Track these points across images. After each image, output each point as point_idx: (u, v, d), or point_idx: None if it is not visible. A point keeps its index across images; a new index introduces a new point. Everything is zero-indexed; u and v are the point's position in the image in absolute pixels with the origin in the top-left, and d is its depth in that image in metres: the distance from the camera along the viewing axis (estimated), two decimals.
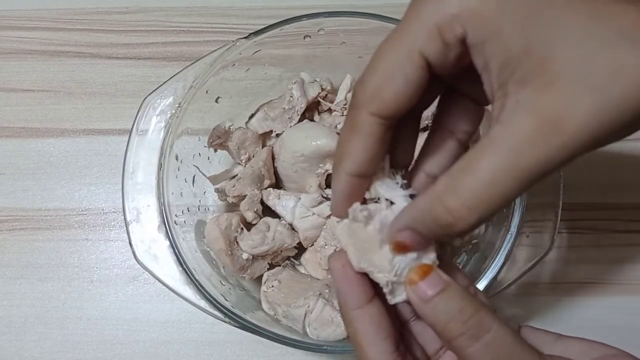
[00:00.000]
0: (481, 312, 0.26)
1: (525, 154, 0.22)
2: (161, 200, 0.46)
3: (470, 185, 0.23)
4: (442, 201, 0.24)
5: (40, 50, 0.65)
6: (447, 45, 0.24)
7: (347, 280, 0.28)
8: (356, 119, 0.26)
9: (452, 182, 0.24)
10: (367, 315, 0.28)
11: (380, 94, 0.25)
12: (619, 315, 0.56)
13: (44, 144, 0.61)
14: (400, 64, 0.25)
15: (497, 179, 0.23)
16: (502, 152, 0.23)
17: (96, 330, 0.55)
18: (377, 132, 0.26)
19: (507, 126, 0.23)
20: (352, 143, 0.27)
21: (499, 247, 0.45)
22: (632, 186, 0.59)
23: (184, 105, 0.48)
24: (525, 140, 0.22)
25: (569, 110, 0.22)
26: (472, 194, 0.23)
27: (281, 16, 0.50)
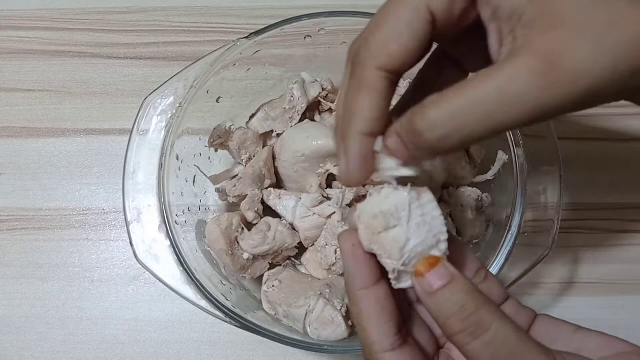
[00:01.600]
0: (482, 310, 0.26)
1: (523, 82, 0.22)
2: (162, 200, 0.46)
3: (453, 103, 0.23)
4: (423, 110, 0.24)
5: (41, 50, 0.65)
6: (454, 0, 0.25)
7: (355, 260, 0.28)
8: (362, 76, 0.26)
9: (440, 96, 0.24)
10: (372, 296, 0.28)
11: (387, 48, 0.26)
12: (620, 315, 0.56)
13: (44, 144, 0.61)
14: (408, 18, 0.25)
15: (482, 99, 0.23)
16: (496, 78, 0.23)
17: (97, 330, 0.55)
18: (384, 87, 0.26)
19: (510, 59, 0.23)
20: (361, 101, 0.26)
21: (500, 247, 0.45)
22: (633, 186, 0.59)
23: (185, 105, 0.48)
24: (527, 70, 0.22)
25: (568, 50, 0.22)
26: (452, 110, 0.23)
27: (282, 16, 0.50)
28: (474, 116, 0.23)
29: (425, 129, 0.24)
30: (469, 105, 0.23)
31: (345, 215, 0.48)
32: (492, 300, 0.27)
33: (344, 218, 0.49)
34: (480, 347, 0.26)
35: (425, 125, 0.24)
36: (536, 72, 0.22)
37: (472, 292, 0.26)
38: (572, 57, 0.22)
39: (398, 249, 0.27)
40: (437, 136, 0.24)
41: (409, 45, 0.25)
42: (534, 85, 0.22)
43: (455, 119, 0.23)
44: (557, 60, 0.22)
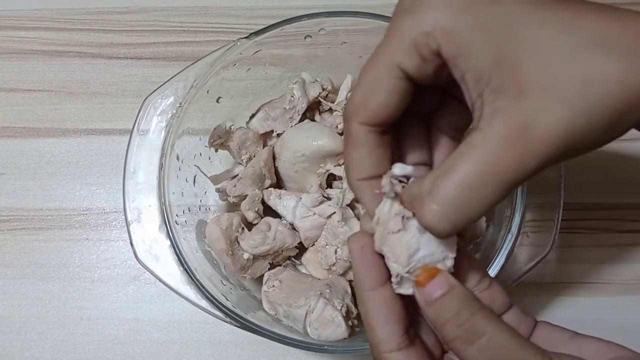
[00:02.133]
0: (477, 316, 0.27)
1: (502, 158, 0.23)
2: (162, 200, 0.46)
3: (447, 192, 0.24)
4: (422, 202, 0.25)
5: (41, 50, 0.65)
6: (424, 59, 0.26)
7: (364, 261, 0.29)
8: (349, 130, 0.28)
9: (433, 185, 0.25)
10: (380, 297, 0.29)
11: (365, 105, 0.27)
12: (620, 315, 0.56)
13: (45, 143, 0.61)
14: (381, 77, 0.27)
15: (473, 186, 0.24)
16: (479, 157, 0.24)
17: (97, 330, 0.55)
18: (371, 139, 0.28)
19: (485, 132, 0.24)
20: (351, 153, 0.29)
21: (500, 247, 0.45)
22: (633, 186, 0.59)
23: (185, 105, 0.48)
24: (502, 145, 0.23)
25: (539, 118, 0.23)
26: (448, 202, 0.24)
27: (282, 16, 0.50)
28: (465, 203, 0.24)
29: (433, 226, 0.25)
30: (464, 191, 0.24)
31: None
32: (488, 307, 0.28)
33: (344, 218, 0.49)
34: (475, 352, 0.26)
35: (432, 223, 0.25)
36: (515, 143, 0.23)
37: (468, 300, 0.27)
38: (546, 125, 0.23)
39: (407, 255, 0.27)
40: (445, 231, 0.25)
41: (385, 101, 0.27)
42: (517, 159, 0.23)
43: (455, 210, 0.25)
44: (530, 129, 0.23)
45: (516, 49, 0.23)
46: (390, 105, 0.27)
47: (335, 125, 0.52)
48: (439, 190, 0.25)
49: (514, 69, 0.23)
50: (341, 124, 0.52)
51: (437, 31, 0.25)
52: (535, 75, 0.23)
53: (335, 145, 0.49)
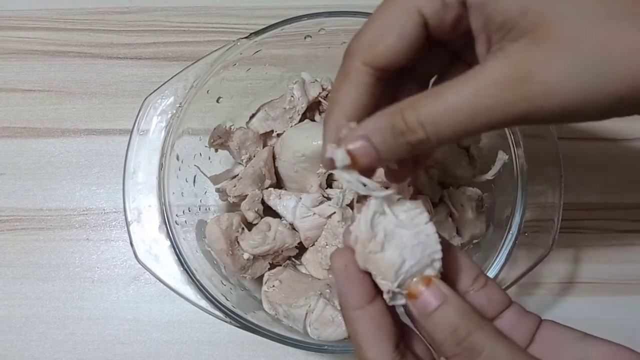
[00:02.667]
0: (474, 335, 0.26)
1: (488, 93, 0.23)
2: (162, 200, 0.46)
3: (429, 106, 0.24)
4: (401, 112, 0.25)
5: (41, 51, 0.65)
6: (445, 5, 0.25)
7: (349, 280, 0.28)
8: (348, 68, 0.27)
9: (416, 100, 0.25)
10: (367, 316, 0.27)
11: (374, 45, 0.26)
12: (620, 315, 0.56)
13: (45, 144, 0.61)
14: (397, 19, 0.26)
15: (455, 108, 0.24)
16: (468, 87, 0.24)
17: (97, 330, 0.55)
18: (368, 82, 0.27)
19: (484, 68, 0.24)
20: (343, 91, 0.28)
21: (500, 247, 0.45)
22: (633, 186, 0.59)
23: (185, 105, 0.48)
24: (495, 82, 0.23)
25: (547, 66, 0.22)
26: (429, 114, 0.24)
27: (282, 16, 0.50)
28: (443, 122, 0.24)
29: (408, 130, 0.25)
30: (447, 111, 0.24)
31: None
32: (486, 320, 0.27)
33: (344, 218, 0.49)
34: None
35: (408, 127, 0.25)
36: (509, 84, 0.23)
37: (465, 315, 0.26)
38: (549, 72, 0.22)
39: (393, 271, 0.27)
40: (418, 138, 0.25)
41: (396, 45, 0.26)
42: (505, 99, 0.23)
43: (433, 124, 0.24)
44: (532, 74, 0.23)
45: (546, 2, 0.23)
46: (399, 50, 0.26)
47: None
48: (425, 104, 0.25)
49: (538, 21, 0.23)
50: None
51: None
52: (557, 30, 0.23)
53: None
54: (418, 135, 0.25)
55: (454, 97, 0.24)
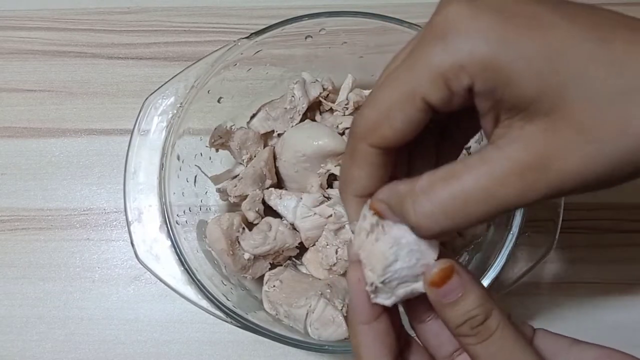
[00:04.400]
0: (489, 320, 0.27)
1: (507, 182, 0.23)
2: (163, 200, 0.46)
3: (443, 196, 0.24)
4: (414, 199, 0.25)
5: (41, 51, 0.65)
6: (452, 93, 0.24)
7: (361, 294, 0.28)
8: (355, 149, 0.27)
9: (431, 185, 0.25)
10: (372, 331, 0.29)
11: (379, 129, 0.26)
12: (620, 315, 0.56)
13: (45, 144, 0.62)
14: (401, 104, 0.25)
15: (470, 199, 0.24)
16: (485, 175, 0.23)
17: (98, 330, 0.55)
18: (376, 161, 0.27)
19: (501, 152, 0.23)
20: (354, 170, 0.28)
21: (501, 247, 0.45)
22: (634, 186, 0.59)
23: (186, 105, 0.48)
24: (514, 170, 0.23)
25: (565, 154, 0.22)
26: (441, 206, 0.24)
27: (282, 16, 0.50)
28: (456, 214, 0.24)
29: (417, 224, 0.25)
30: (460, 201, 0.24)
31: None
32: (498, 308, 0.28)
33: (338, 216, 0.49)
34: (481, 350, 0.27)
35: (416, 221, 0.25)
36: (528, 173, 0.23)
37: (483, 304, 0.27)
38: (570, 160, 0.22)
39: (383, 266, 0.27)
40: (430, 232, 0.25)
41: (400, 128, 0.26)
42: (524, 188, 0.23)
43: (445, 215, 0.24)
44: (552, 161, 0.22)
45: (560, 86, 0.22)
46: (405, 133, 0.26)
47: (336, 125, 0.52)
48: (436, 192, 0.24)
49: (555, 102, 0.22)
50: (342, 124, 0.52)
51: (474, 65, 0.23)
52: (575, 114, 0.22)
53: (336, 145, 0.49)
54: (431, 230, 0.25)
55: (470, 184, 0.24)
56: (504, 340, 0.27)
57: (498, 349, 0.27)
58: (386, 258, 0.27)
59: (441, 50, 0.24)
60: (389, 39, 0.49)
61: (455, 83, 0.24)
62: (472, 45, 0.23)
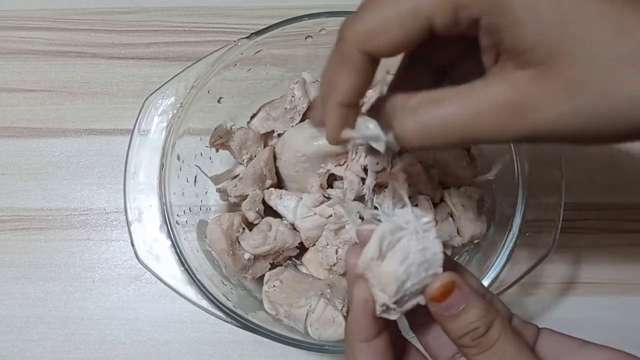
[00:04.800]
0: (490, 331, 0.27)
1: (485, 119, 0.24)
2: (163, 200, 0.46)
3: (427, 118, 0.26)
4: (403, 114, 0.26)
5: (42, 51, 0.65)
6: (457, 21, 0.25)
7: (365, 314, 0.28)
8: (345, 54, 0.27)
9: (419, 106, 0.26)
10: (371, 349, 0.28)
11: (374, 37, 0.26)
12: (621, 315, 0.56)
13: (45, 144, 0.62)
14: (403, 19, 0.25)
15: (449, 125, 0.25)
16: (467, 107, 0.25)
17: (98, 330, 0.55)
18: (365, 69, 0.27)
19: (487, 87, 0.25)
20: (341, 76, 0.28)
21: (501, 247, 0.45)
22: (634, 186, 0.59)
23: (186, 106, 0.48)
24: (494, 108, 0.24)
25: (545, 104, 0.23)
26: (424, 126, 0.26)
27: (283, 16, 0.50)
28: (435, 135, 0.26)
29: (401, 136, 0.27)
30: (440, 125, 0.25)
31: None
32: (500, 317, 0.28)
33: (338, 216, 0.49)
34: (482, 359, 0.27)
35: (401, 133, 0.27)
36: (505, 113, 0.24)
37: (484, 316, 0.27)
38: (547, 111, 0.23)
39: (395, 287, 0.27)
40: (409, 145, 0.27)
41: (396, 41, 0.26)
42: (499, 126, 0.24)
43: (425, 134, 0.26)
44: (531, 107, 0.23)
45: (562, 40, 0.23)
46: (399, 47, 0.26)
47: None
48: (422, 113, 0.26)
49: (550, 55, 0.23)
50: None
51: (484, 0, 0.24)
52: (566, 69, 0.23)
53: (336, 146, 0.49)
54: (410, 144, 0.26)
55: (452, 112, 0.25)
56: (504, 350, 0.27)
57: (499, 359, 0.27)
58: (398, 278, 0.27)
59: None
60: None
61: (465, 12, 0.24)
62: None
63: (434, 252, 0.27)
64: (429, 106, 0.26)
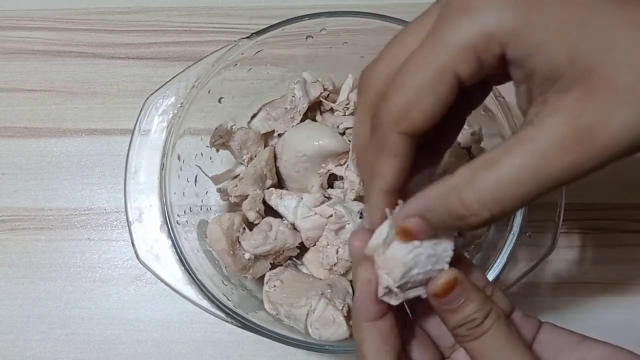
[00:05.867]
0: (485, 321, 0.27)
1: (553, 158, 0.22)
2: (163, 200, 0.46)
3: (489, 182, 0.23)
4: (458, 193, 0.24)
5: (42, 51, 0.65)
6: (483, 64, 0.24)
7: (368, 295, 0.28)
8: (384, 140, 0.26)
9: (472, 176, 0.24)
10: (376, 329, 0.28)
11: (409, 114, 0.25)
12: (621, 315, 0.56)
13: (46, 144, 0.62)
14: (431, 84, 0.24)
15: (518, 179, 0.23)
16: (528, 153, 0.23)
17: (98, 329, 0.55)
18: (406, 151, 0.26)
19: (540, 128, 0.23)
20: (383, 163, 0.27)
21: (502, 247, 0.45)
22: (634, 186, 0.59)
23: (186, 105, 0.48)
24: (557, 144, 0.22)
25: (606, 119, 0.22)
26: (490, 191, 0.23)
27: (283, 16, 0.50)
28: (506, 197, 0.23)
29: (469, 213, 0.24)
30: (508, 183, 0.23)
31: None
32: (496, 308, 0.28)
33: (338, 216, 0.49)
34: (472, 345, 0.28)
35: (468, 211, 0.24)
36: (572, 144, 0.22)
37: (481, 308, 0.27)
38: (611, 125, 0.21)
39: (402, 272, 0.27)
40: (482, 220, 0.24)
41: (431, 110, 0.25)
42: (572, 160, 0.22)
43: (494, 200, 0.23)
44: (594, 129, 0.22)
45: (593, 48, 0.22)
46: (435, 115, 0.25)
47: (337, 125, 0.52)
48: (480, 180, 0.24)
49: (589, 70, 0.22)
50: (343, 124, 0.52)
51: (504, 32, 0.23)
52: (610, 77, 0.22)
53: (337, 145, 0.49)
54: (481, 217, 0.24)
55: (514, 167, 0.23)
56: (494, 338, 0.27)
57: (487, 346, 0.27)
58: (405, 264, 0.27)
59: (468, 22, 0.23)
60: (389, 39, 0.49)
61: (487, 53, 0.24)
62: (499, 14, 0.23)
63: (445, 247, 0.27)
64: (485, 171, 0.24)
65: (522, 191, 0.23)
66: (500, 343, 0.27)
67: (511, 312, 0.31)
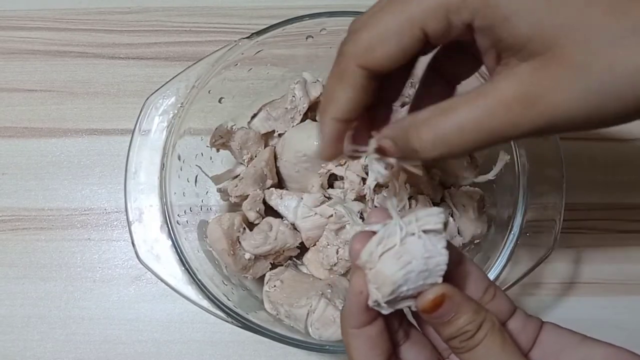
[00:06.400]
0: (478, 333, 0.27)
1: (496, 114, 0.25)
2: (163, 200, 0.46)
3: (441, 125, 0.26)
4: (417, 129, 0.27)
5: (42, 51, 0.65)
6: (451, 26, 0.25)
7: (359, 305, 0.28)
8: (344, 69, 0.28)
9: (432, 117, 0.26)
10: (364, 335, 0.29)
11: (372, 51, 0.27)
12: (621, 315, 0.56)
13: (46, 144, 0.62)
14: (399, 30, 0.26)
15: (464, 128, 0.25)
16: (479, 107, 0.25)
17: (98, 329, 0.55)
18: (363, 84, 0.28)
19: (494, 87, 0.25)
20: (338, 91, 0.29)
21: (502, 247, 0.45)
22: (634, 186, 0.59)
23: (187, 105, 0.48)
24: (503, 103, 0.24)
25: (551, 91, 0.23)
26: (440, 134, 0.26)
27: (283, 16, 0.50)
28: (452, 142, 0.26)
29: (420, 149, 0.27)
30: (456, 130, 0.26)
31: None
32: (490, 317, 0.28)
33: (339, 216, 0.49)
34: (469, 357, 0.28)
35: (420, 147, 0.27)
36: (516, 107, 0.24)
37: (474, 320, 0.27)
38: (556, 97, 0.23)
39: (391, 289, 0.26)
40: (430, 156, 0.27)
41: (394, 53, 0.27)
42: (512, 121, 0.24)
43: (443, 142, 0.26)
44: (539, 97, 0.23)
45: (556, 25, 0.23)
46: (396, 59, 0.27)
47: None
48: (437, 122, 0.26)
49: (549, 44, 0.23)
50: None
51: (473, 1, 0.25)
52: (567, 54, 0.23)
53: None
54: (430, 154, 0.27)
55: (464, 116, 0.25)
56: (488, 349, 0.27)
57: (480, 357, 0.27)
58: (394, 283, 0.26)
59: None
60: None
61: (456, 16, 0.25)
62: None
63: (437, 262, 0.27)
64: (441, 115, 0.26)
65: (465, 138, 0.25)
66: (494, 353, 0.27)
67: (513, 312, 0.31)
